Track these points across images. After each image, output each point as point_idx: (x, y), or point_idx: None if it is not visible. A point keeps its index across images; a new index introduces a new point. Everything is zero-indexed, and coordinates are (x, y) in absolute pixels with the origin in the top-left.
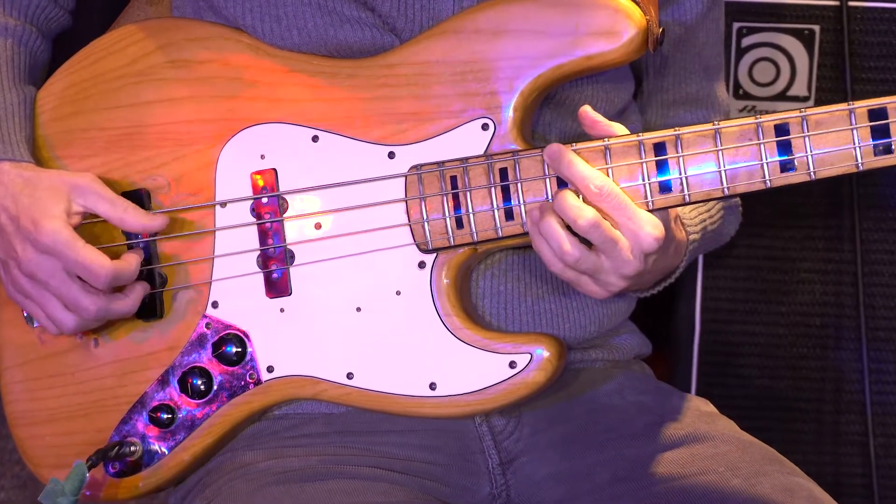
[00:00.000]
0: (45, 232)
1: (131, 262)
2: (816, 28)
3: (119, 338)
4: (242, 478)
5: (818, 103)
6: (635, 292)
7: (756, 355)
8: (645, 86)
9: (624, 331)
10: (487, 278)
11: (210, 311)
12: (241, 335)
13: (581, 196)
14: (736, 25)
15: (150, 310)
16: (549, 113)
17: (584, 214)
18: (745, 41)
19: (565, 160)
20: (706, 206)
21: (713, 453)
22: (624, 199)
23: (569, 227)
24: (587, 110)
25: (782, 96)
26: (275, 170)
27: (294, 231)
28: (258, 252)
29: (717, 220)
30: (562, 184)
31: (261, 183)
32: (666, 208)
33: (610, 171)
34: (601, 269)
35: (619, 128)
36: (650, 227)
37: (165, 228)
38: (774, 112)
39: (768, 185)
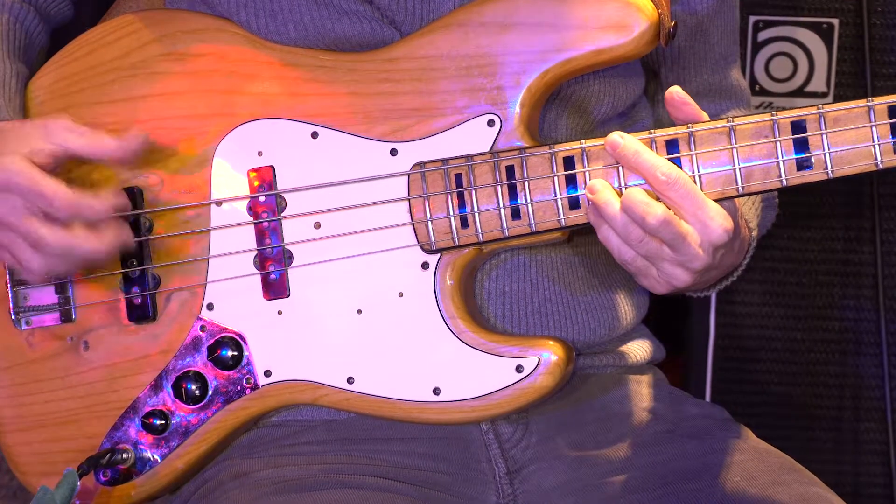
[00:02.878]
0: (1, 168)
1: (101, 195)
2: (835, 21)
3: (110, 341)
4: (240, 487)
5: (837, 99)
6: (695, 292)
7: (772, 361)
8: (662, 78)
9: (636, 335)
10: (493, 279)
11: (205, 313)
12: (238, 338)
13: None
14: (752, 19)
15: (143, 312)
16: (555, 108)
17: (653, 211)
18: (762, 35)
19: (630, 149)
20: (751, 202)
21: (728, 462)
22: (693, 188)
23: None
24: (677, 90)
25: (800, 92)
26: (272, 167)
27: (292, 231)
28: (255, 252)
29: (759, 217)
30: (570, 182)
31: (258, 181)
32: (731, 198)
33: (618, 169)
34: (664, 257)
35: (704, 115)
36: (720, 219)
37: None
38: (791, 109)
39: (784, 183)
